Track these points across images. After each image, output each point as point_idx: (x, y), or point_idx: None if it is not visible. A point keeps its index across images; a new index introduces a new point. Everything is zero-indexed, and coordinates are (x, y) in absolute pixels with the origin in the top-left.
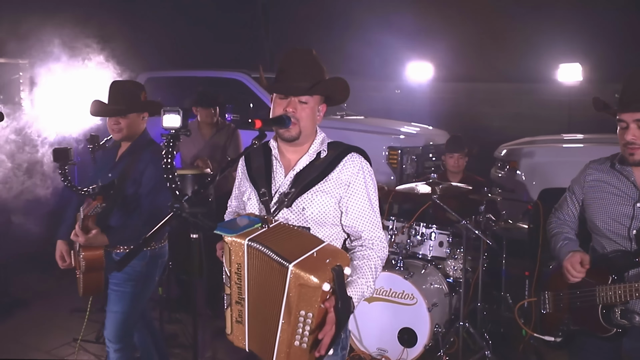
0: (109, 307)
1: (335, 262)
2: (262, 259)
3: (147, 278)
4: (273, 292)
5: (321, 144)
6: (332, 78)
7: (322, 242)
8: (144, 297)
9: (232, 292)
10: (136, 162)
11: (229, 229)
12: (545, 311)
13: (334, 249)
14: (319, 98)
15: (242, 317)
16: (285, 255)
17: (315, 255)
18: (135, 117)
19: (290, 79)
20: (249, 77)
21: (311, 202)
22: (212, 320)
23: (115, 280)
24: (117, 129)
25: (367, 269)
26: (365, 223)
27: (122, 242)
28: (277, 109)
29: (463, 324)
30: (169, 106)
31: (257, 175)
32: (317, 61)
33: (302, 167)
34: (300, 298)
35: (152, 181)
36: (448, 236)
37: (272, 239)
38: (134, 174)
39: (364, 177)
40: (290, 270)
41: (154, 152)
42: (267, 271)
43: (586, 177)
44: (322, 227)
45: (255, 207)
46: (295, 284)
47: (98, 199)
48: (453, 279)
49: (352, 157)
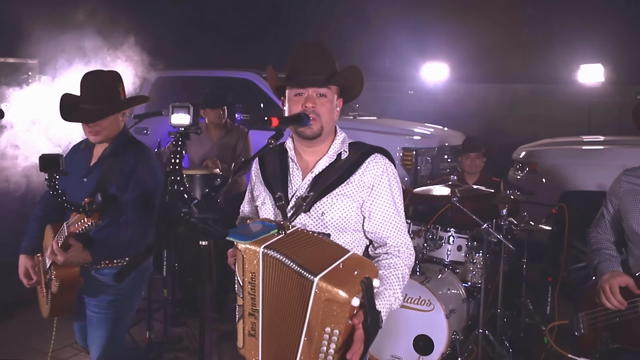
0: (90, 331)
1: (363, 273)
2: (279, 268)
3: (133, 295)
4: (293, 306)
5: (342, 144)
6: (347, 67)
7: (346, 251)
8: (130, 316)
9: (245, 303)
10: (119, 165)
11: (243, 235)
12: (579, 332)
13: (360, 259)
14: (335, 91)
15: (256, 330)
16: (307, 266)
17: (342, 266)
18: (115, 117)
19: (305, 72)
20: (259, 77)
21: (331, 206)
22: (218, 324)
23: (95, 302)
24: (95, 132)
25: (394, 279)
26: (390, 229)
27: (108, 257)
28: (293, 107)
29: (482, 332)
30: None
31: (273, 178)
32: (329, 53)
33: (321, 169)
34: (326, 314)
35: (141, 186)
36: (467, 240)
37: (291, 247)
38: (117, 178)
39: (389, 180)
40: (316, 284)
41: (138, 152)
42: (285, 282)
43: (621, 186)
44: (343, 233)
45: (270, 212)
46: (321, 298)
47: (94, 216)
48: (471, 284)
49: (375, 158)
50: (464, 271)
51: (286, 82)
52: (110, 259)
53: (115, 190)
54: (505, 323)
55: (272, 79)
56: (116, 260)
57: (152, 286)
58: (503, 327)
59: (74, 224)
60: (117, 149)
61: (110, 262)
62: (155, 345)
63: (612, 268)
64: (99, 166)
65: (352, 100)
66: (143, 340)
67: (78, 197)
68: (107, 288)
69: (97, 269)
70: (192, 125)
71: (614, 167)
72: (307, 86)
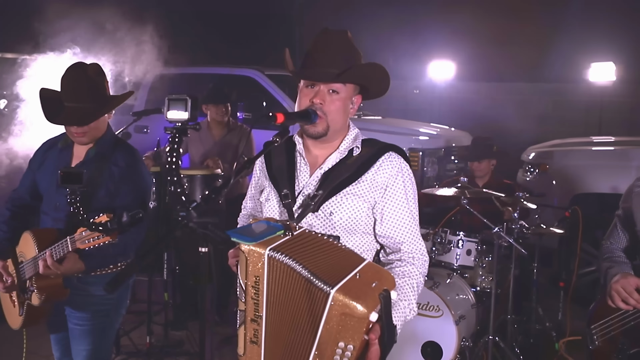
0: (74, 345)
1: (381, 285)
2: (287, 273)
3: (119, 304)
4: (301, 315)
5: (354, 140)
6: (368, 63)
7: (361, 259)
8: (116, 325)
9: (247, 308)
10: (108, 168)
11: (246, 236)
12: (593, 346)
13: (377, 269)
14: (352, 88)
15: (258, 337)
16: (321, 274)
17: (359, 277)
18: (101, 120)
19: (318, 64)
20: (262, 74)
21: (340, 206)
22: (220, 327)
23: (78, 314)
24: (82, 133)
25: (409, 288)
26: (404, 233)
27: (100, 266)
28: (303, 99)
29: (492, 338)
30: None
31: (279, 173)
32: (352, 44)
33: (331, 165)
34: (342, 328)
35: (134, 191)
36: (476, 244)
37: (299, 251)
38: (107, 183)
39: (403, 180)
40: (332, 297)
41: (126, 153)
42: (293, 289)
43: (633, 191)
44: (352, 236)
45: (274, 209)
46: (336, 312)
47: (113, 235)
48: (480, 289)
49: (390, 156)
50: (472, 276)
51: (296, 72)
52: (102, 267)
53: (105, 196)
54: (516, 329)
55: (288, 65)
56: (94, 272)
57: (152, 289)
58: (513, 333)
59: (83, 241)
60: (104, 150)
61: (100, 271)
62: (155, 350)
63: (623, 270)
64: (84, 169)
65: (373, 98)
66: (143, 344)
67: (56, 200)
68: (90, 298)
69: (81, 277)
70: (190, 120)
71: (629, 169)
72: (314, 80)
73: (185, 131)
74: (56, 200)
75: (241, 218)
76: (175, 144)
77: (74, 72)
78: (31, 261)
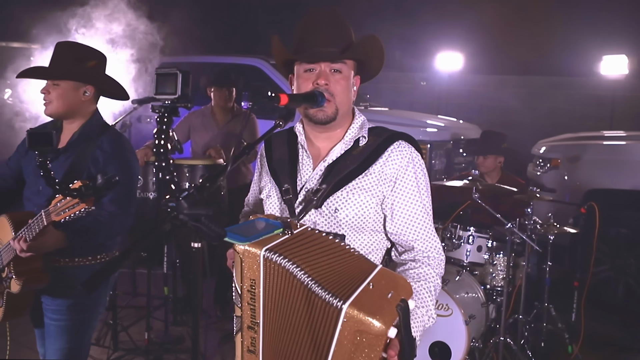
0: (48, 343)
1: (398, 295)
2: (285, 277)
3: (98, 299)
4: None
5: (360, 128)
6: (365, 37)
7: (373, 265)
8: (94, 323)
9: (243, 314)
10: (92, 151)
11: (240, 235)
12: None
13: (391, 276)
14: (352, 66)
15: (256, 346)
16: (327, 284)
17: (372, 286)
18: (71, 89)
19: (315, 44)
20: (267, 64)
21: (346, 201)
22: (221, 323)
23: (55, 306)
24: (46, 100)
25: (426, 293)
26: (417, 230)
27: (85, 243)
28: (303, 85)
29: (503, 339)
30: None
31: (280, 167)
32: (343, 21)
33: (335, 157)
34: (357, 347)
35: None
36: (487, 240)
37: (300, 252)
38: (88, 166)
39: (415, 172)
40: (345, 313)
41: (112, 139)
42: (293, 295)
43: None
44: (360, 234)
45: (275, 206)
46: (350, 330)
47: (89, 202)
48: (490, 286)
49: (399, 145)
50: (482, 273)
51: (295, 56)
52: (85, 249)
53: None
54: (527, 330)
55: (279, 52)
56: (77, 259)
57: (151, 283)
58: (524, 334)
59: (58, 212)
60: (89, 132)
61: (71, 261)
62: (155, 346)
63: None
64: (68, 151)
65: (371, 78)
66: (142, 340)
67: (38, 185)
68: (68, 289)
69: (56, 266)
70: (181, 97)
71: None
72: (319, 60)
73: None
74: (38, 184)
75: (242, 216)
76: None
77: (62, 45)
78: (8, 245)
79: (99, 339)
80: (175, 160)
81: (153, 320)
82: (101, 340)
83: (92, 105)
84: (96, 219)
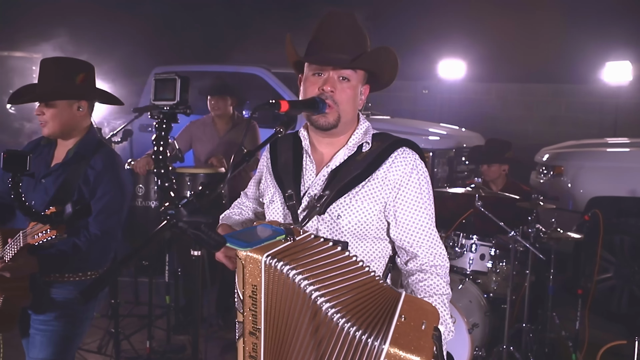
0: (32, 354)
1: (430, 324)
2: (286, 285)
3: (85, 313)
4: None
5: (364, 134)
6: (381, 47)
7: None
8: (81, 335)
9: (245, 319)
10: (84, 170)
11: (242, 241)
12: None
13: (418, 304)
14: (362, 75)
15: (257, 352)
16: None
17: (404, 319)
18: (64, 107)
19: (327, 48)
20: (268, 72)
21: (349, 208)
22: (223, 332)
23: (41, 317)
24: (42, 121)
25: (443, 309)
26: (421, 238)
27: (58, 270)
28: (309, 89)
29: (507, 348)
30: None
31: (284, 172)
32: (360, 27)
33: (338, 162)
34: None
35: (107, 196)
36: (490, 248)
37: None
38: (80, 185)
39: (418, 178)
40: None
41: (106, 157)
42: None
43: None
44: (362, 242)
45: (279, 212)
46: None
47: (59, 229)
48: (493, 295)
49: (403, 152)
50: (485, 282)
51: (303, 58)
52: (60, 272)
53: (76, 198)
54: (531, 338)
55: (290, 52)
56: (67, 275)
57: (152, 291)
58: (528, 343)
59: (33, 235)
60: (84, 150)
61: (61, 277)
62: (157, 355)
63: None
64: (61, 169)
65: (381, 89)
66: (144, 349)
67: (32, 199)
68: (54, 302)
69: (47, 281)
70: (180, 103)
71: None
72: (328, 65)
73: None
74: (31, 199)
75: (231, 210)
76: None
77: (47, 63)
78: None
79: (101, 347)
80: (176, 168)
81: (155, 329)
82: (103, 349)
83: (87, 120)
84: (75, 243)
